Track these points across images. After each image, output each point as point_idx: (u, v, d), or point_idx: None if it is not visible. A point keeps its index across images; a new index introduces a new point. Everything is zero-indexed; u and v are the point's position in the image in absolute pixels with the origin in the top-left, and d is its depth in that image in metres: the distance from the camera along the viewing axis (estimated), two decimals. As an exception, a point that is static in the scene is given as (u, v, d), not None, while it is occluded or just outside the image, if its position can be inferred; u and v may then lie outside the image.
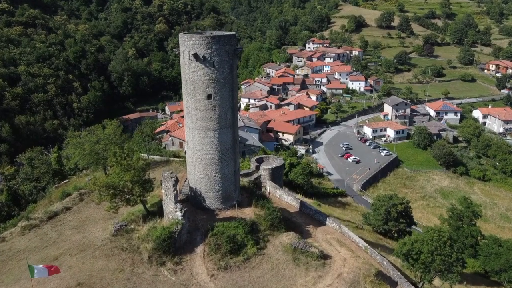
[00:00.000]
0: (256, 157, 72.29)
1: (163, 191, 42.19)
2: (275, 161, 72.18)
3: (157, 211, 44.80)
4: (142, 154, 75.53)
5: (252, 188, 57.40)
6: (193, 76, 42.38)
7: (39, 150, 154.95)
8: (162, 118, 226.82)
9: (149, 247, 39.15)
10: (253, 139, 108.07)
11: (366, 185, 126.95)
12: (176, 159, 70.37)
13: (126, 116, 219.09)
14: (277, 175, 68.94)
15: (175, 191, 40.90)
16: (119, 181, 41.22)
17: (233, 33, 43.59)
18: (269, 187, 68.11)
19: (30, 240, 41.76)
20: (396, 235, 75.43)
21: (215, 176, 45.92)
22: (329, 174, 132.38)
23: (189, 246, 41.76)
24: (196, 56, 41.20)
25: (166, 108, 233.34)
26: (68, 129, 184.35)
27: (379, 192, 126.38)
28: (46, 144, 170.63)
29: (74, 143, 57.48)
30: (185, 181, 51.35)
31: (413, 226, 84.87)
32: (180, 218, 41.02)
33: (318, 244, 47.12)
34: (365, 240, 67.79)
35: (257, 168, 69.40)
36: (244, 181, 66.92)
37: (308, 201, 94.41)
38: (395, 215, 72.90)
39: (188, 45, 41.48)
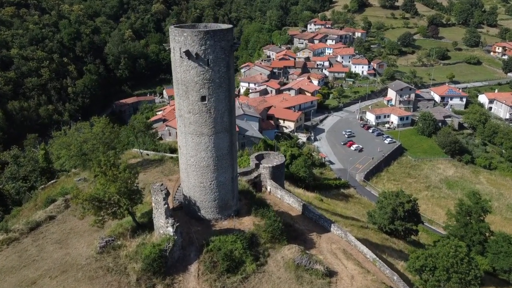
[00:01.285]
0: (256, 154, 68.31)
1: (153, 204, 38.26)
2: (276, 158, 68.16)
3: (148, 223, 41.01)
4: (135, 150, 71.58)
5: (252, 192, 53.56)
6: (185, 76, 37.93)
7: (34, 137, 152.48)
8: (160, 102, 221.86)
9: (137, 268, 35.49)
10: (253, 129, 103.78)
11: (369, 175, 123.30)
12: (171, 155, 66.32)
13: (123, 100, 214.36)
14: (278, 174, 65.09)
15: (166, 205, 36.94)
16: (104, 193, 37.29)
17: (230, 26, 38.82)
18: (270, 187, 64.31)
19: (8, 258, 38.02)
20: (402, 233, 72.10)
21: (210, 184, 41.95)
22: (331, 163, 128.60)
23: (182, 263, 38.10)
24: (188, 53, 36.65)
25: (164, 91, 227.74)
26: (63, 114, 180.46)
27: (382, 182, 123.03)
28: (41, 130, 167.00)
29: (60, 143, 53.27)
30: (179, 186, 47.48)
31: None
32: (171, 234, 37.24)
33: (323, 257, 43.57)
34: (370, 242, 64.57)
35: (257, 166, 65.47)
36: (243, 180, 63.14)
37: (310, 195, 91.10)
38: (402, 214, 69.28)
39: (179, 41, 36.87)
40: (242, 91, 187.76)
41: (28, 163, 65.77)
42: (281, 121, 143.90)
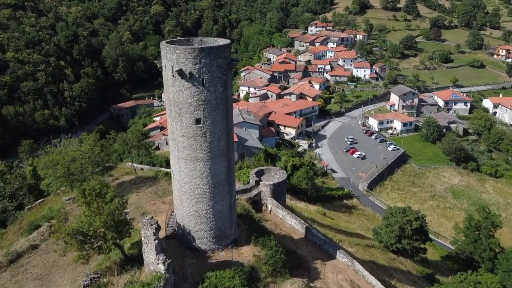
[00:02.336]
0: (256, 170, 64.90)
1: (143, 239, 34.75)
2: (277, 173, 64.75)
3: (138, 256, 37.52)
4: (129, 164, 68.10)
5: (251, 215, 50.10)
6: (178, 97, 34.47)
7: (29, 144, 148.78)
8: (158, 106, 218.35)
9: (124, 311, 32.07)
10: (253, 139, 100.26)
11: (373, 184, 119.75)
12: (166, 170, 62.87)
13: (121, 104, 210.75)
14: (279, 191, 61.67)
15: (157, 241, 33.42)
16: (89, 226, 33.79)
17: (227, 42, 35.33)
18: (270, 205, 60.87)
19: (-18, 297, 34.59)
20: (410, 252, 68.62)
21: (206, 213, 38.48)
22: (334, 171, 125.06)
23: (175, 304, 34.64)
24: (181, 72, 33.19)
25: (163, 95, 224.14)
26: (59, 119, 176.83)
27: (386, 191, 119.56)
28: (36, 136, 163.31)
29: (46, 162, 49.72)
30: (173, 211, 44.00)
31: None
32: (163, 272, 33.69)
33: (329, 291, 40.16)
34: (377, 264, 61.07)
35: (257, 183, 62.06)
36: (242, 199, 59.69)
37: (312, 208, 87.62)
38: (410, 232, 65.82)
39: (171, 59, 33.41)
40: (242, 95, 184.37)
41: (15, 180, 62.27)
42: (281, 128, 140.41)
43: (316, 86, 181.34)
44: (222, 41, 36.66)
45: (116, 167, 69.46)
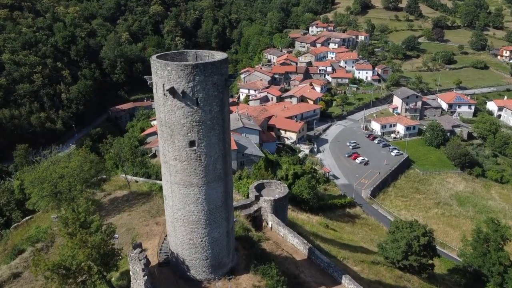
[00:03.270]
0: (256, 183, 61.85)
1: (131, 274, 31.65)
2: (278, 187, 61.67)
3: (127, 287, 34.48)
4: (123, 176, 65.07)
5: (251, 237, 47.03)
6: (169, 117, 31.35)
7: (24, 148, 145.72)
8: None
9: None
10: (253, 146, 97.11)
11: (376, 191, 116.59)
12: (161, 183, 59.83)
13: (119, 106, 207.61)
14: (280, 207, 58.61)
15: (146, 277, 30.32)
16: (73, 259, 30.71)
17: (224, 56, 32.16)
18: (271, 222, 57.81)
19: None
20: (417, 269, 65.52)
21: (201, 241, 35.37)
22: (336, 178, 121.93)
23: None
24: (172, 91, 30.07)
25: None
26: (56, 122, 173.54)
27: (390, 199, 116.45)
28: (32, 139, 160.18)
29: (32, 180, 46.57)
30: (166, 236, 40.94)
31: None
32: (153, 310, 30.63)
33: (335, 325, 37.10)
34: (384, 284, 58.00)
35: (257, 198, 59.05)
36: (241, 216, 56.65)
37: (314, 219, 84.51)
38: (417, 249, 62.72)
39: (162, 76, 30.26)
40: (241, 97, 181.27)
41: (3, 194, 59.12)
42: (282, 132, 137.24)
43: (318, 89, 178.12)
44: (219, 55, 33.55)
45: (109, 179, 66.52)
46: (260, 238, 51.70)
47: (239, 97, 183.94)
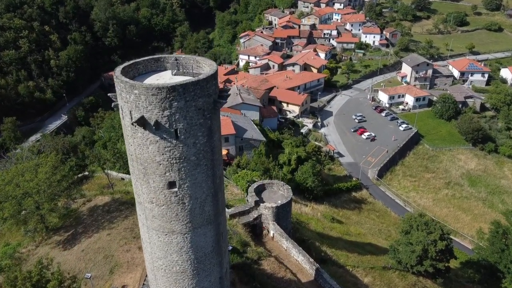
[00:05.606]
0: (256, 185, 55.01)
1: None
2: (280, 189, 54.87)
3: None
4: (107, 171, 58.06)
5: (249, 264, 40.69)
6: (141, 153, 23.81)
7: (12, 121, 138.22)
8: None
9: None
10: (253, 128, 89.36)
11: (383, 171, 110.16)
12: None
13: (112, 73, 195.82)
14: (283, 214, 52.08)
15: None
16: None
17: (213, 69, 24.07)
18: (273, 231, 51.45)
19: None
20: (431, 273, 60.01)
21: (189, 293, 28.85)
22: (341, 155, 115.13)
23: None
24: (142, 122, 22.32)
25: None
26: (46, 91, 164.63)
27: (397, 179, 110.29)
28: (21, 111, 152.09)
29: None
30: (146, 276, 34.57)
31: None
32: None
33: None
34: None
35: (257, 204, 52.44)
36: (239, 225, 50.30)
37: (319, 209, 78.45)
38: (434, 254, 56.83)
39: (128, 100, 22.42)
40: (241, 64, 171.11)
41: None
42: (284, 105, 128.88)
43: (322, 55, 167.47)
44: (206, 64, 25.51)
45: (92, 176, 59.71)
46: (260, 256, 45.55)
47: (238, 64, 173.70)
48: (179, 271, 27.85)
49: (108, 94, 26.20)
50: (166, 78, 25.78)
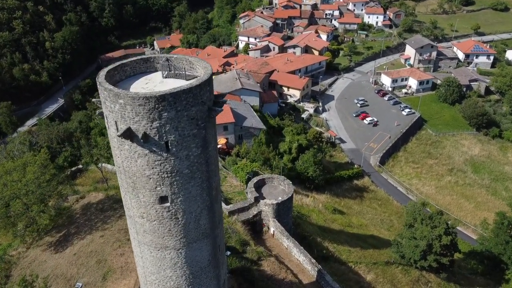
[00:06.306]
0: (255, 180, 53.12)
1: None
2: (281, 183, 52.99)
3: None
4: (101, 166, 56.04)
5: (248, 268, 39.08)
6: (129, 165, 21.72)
7: (7, 106, 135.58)
8: (150, 55, 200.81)
9: None
10: (253, 116, 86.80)
11: (385, 157, 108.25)
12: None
13: (110, 54, 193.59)
14: (284, 210, 50.39)
15: None
16: None
17: (207, 75, 21.66)
18: (273, 228, 49.87)
19: None
20: (435, 268, 58.75)
21: (184, 308, 27.22)
22: (342, 141, 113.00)
23: None
24: (129, 134, 20.13)
25: (155, 43, 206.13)
26: (41, 74, 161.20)
27: (400, 165, 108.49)
28: (16, 95, 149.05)
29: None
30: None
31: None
32: None
33: None
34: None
35: (256, 200, 50.70)
36: (238, 223, 48.72)
37: (320, 199, 76.96)
38: (439, 249, 55.43)
39: (113, 110, 20.18)
40: (241, 46, 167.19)
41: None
42: (285, 89, 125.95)
43: (324, 37, 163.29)
44: (200, 66, 23.14)
45: (86, 169, 57.77)
46: (260, 256, 44.01)
47: (237, 46, 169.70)
48: (173, 287, 26.15)
49: (92, 100, 23.89)
50: (156, 81, 23.45)
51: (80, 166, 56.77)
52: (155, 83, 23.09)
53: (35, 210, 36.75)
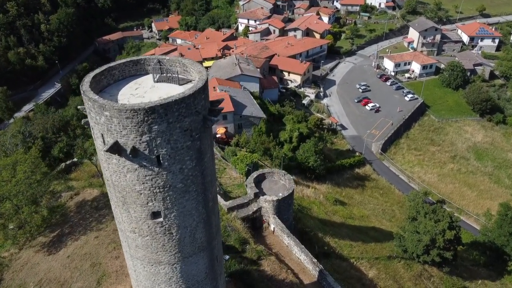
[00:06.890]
0: (255, 175, 51.65)
1: None
2: (281, 178, 51.54)
3: None
4: (96, 161, 54.47)
5: (247, 271, 37.90)
6: (118, 180, 20.09)
7: (3, 91, 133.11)
8: (148, 38, 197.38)
9: None
10: (252, 104, 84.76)
11: (387, 144, 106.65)
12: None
13: (107, 37, 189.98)
14: (284, 206, 49.12)
15: None
16: None
17: (202, 81, 19.78)
18: (273, 225, 48.68)
19: None
20: (437, 262, 57.86)
21: (180, 321, 26.02)
22: (344, 128, 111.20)
23: None
24: (116, 148, 18.43)
25: (153, 25, 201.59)
26: (37, 58, 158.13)
27: (402, 153, 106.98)
28: (12, 80, 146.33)
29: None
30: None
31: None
32: None
33: None
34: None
35: (256, 196, 49.34)
36: (237, 221, 47.54)
37: (321, 190, 75.72)
38: (442, 244, 54.39)
39: (99, 122, 18.43)
40: (240, 29, 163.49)
41: None
42: (285, 74, 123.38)
43: (325, 19, 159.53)
44: (194, 70, 21.24)
45: (81, 163, 56.24)
46: (260, 255, 42.88)
47: (237, 29, 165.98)
48: (169, 301, 24.87)
49: (78, 107, 22.05)
50: (146, 86, 21.56)
51: (75, 159, 55.24)
52: (145, 89, 21.22)
53: (26, 211, 35.37)
